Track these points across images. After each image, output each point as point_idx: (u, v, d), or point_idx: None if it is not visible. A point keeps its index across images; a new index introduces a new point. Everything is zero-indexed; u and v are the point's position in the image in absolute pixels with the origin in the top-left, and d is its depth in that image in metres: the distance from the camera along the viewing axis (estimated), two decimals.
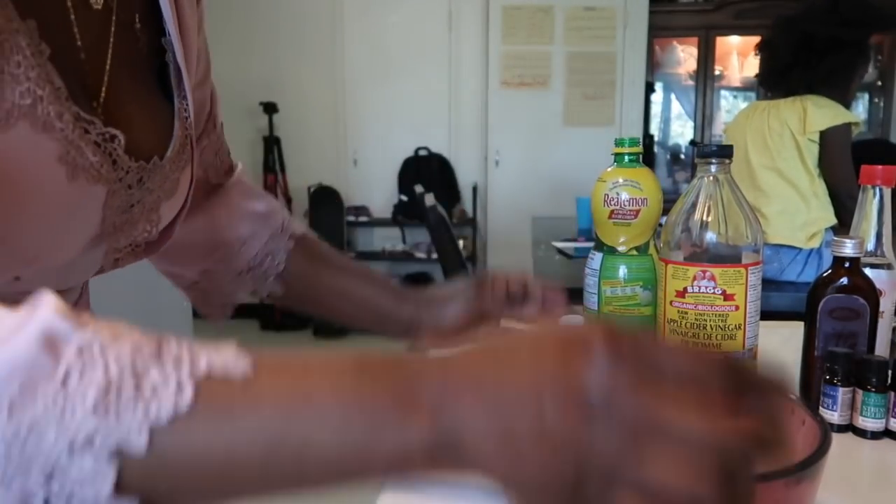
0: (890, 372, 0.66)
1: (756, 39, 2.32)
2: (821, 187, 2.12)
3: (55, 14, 0.44)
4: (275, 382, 0.30)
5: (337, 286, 0.74)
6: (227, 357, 0.29)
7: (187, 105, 0.56)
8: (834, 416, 0.67)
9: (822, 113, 2.05)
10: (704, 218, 0.70)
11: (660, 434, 0.27)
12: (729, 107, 4.55)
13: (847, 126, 2.06)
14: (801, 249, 2.12)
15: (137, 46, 0.52)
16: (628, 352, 0.28)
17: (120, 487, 0.27)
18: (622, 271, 0.78)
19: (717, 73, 4.31)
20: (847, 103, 2.18)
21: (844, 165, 2.05)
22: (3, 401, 0.26)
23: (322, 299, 0.74)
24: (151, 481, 0.28)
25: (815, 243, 2.11)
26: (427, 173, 4.18)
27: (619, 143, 0.79)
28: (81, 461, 0.27)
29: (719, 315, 0.69)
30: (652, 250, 0.79)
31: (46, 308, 0.28)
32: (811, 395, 0.71)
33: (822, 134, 2.06)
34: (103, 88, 0.48)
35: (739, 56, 4.33)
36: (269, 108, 4.06)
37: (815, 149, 2.08)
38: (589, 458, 0.27)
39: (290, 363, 0.31)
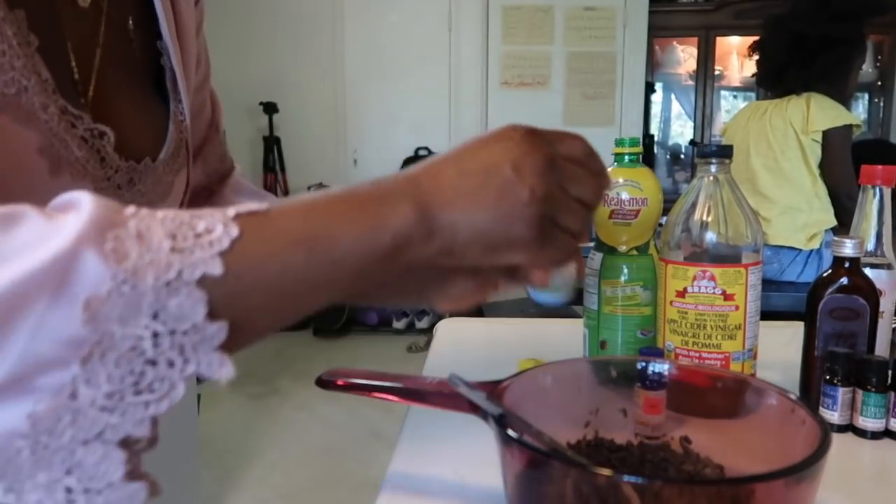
0: (890, 372, 0.66)
1: (756, 39, 2.32)
2: (822, 188, 2.12)
3: (43, 8, 0.45)
4: (290, 206, 0.36)
5: None
6: (245, 204, 0.35)
7: (183, 108, 0.56)
8: (834, 416, 0.67)
9: (824, 113, 2.05)
10: (704, 218, 0.70)
11: (567, 167, 0.43)
12: (729, 107, 4.55)
13: (848, 128, 2.06)
14: (801, 250, 2.12)
15: (131, 48, 0.52)
16: (538, 138, 0.43)
17: (211, 313, 0.31)
18: (622, 271, 0.78)
19: (717, 73, 4.31)
20: (847, 98, 2.18)
21: (844, 166, 2.05)
22: (103, 250, 0.29)
23: None
24: (233, 303, 0.32)
25: (815, 244, 2.11)
26: None
27: (619, 143, 0.79)
28: (177, 296, 0.30)
29: (719, 315, 0.69)
30: (652, 250, 0.79)
31: (87, 194, 0.32)
32: (811, 395, 0.71)
33: (824, 134, 2.06)
34: (91, 86, 0.48)
35: (739, 56, 4.33)
36: (269, 108, 4.06)
37: (818, 149, 2.08)
38: (538, 190, 0.40)
39: (289, 199, 0.37)
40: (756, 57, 2.27)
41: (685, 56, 4.43)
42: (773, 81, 2.19)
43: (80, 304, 0.28)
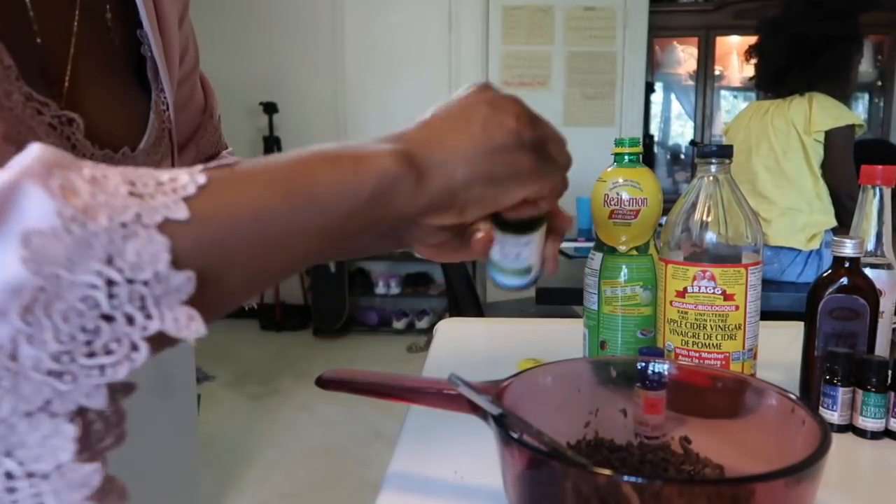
0: (890, 372, 0.66)
1: (752, 44, 2.32)
2: (824, 189, 2.12)
3: None
4: (261, 160, 0.35)
5: None
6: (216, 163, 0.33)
7: (165, 98, 0.55)
8: (834, 416, 0.67)
9: (826, 113, 2.05)
10: (704, 218, 0.70)
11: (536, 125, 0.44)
12: (729, 107, 4.55)
13: (851, 127, 2.06)
14: (800, 251, 2.12)
15: (109, 37, 0.52)
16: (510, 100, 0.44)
17: (176, 262, 0.28)
18: (622, 271, 0.78)
19: (717, 73, 4.31)
20: (849, 94, 2.17)
21: (846, 167, 2.05)
22: (50, 185, 0.26)
23: None
24: (202, 251, 0.30)
25: (814, 245, 2.11)
26: None
27: (619, 143, 0.79)
28: (135, 239, 0.27)
29: (719, 315, 0.69)
30: (652, 250, 0.79)
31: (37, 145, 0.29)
32: (811, 395, 0.71)
33: (826, 134, 2.06)
34: (67, 75, 0.47)
35: (739, 56, 4.33)
36: (269, 108, 4.06)
37: (820, 149, 2.08)
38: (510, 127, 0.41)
39: (263, 157, 0.35)
40: (754, 61, 2.27)
41: (685, 56, 4.43)
42: (774, 84, 2.19)
43: (18, 240, 0.25)
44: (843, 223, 2.10)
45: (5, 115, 0.42)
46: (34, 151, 0.27)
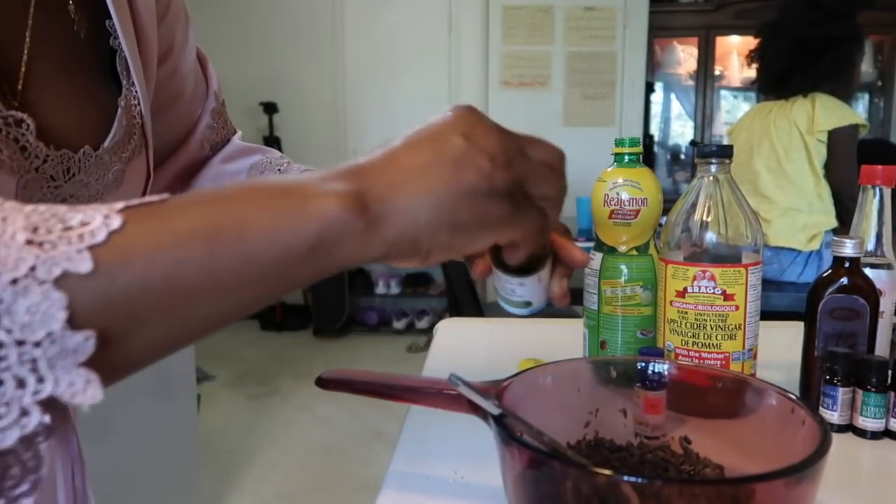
0: (890, 372, 0.66)
1: (757, 40, 2.31)
2: (826, 190, 2.11)
3: None
4: (193, 195, 0.31)
5: None
6: (146, 197, 0.30)
7: (137, 92, 0.52)
8: (834, 416, 0.67)
9: (829, 113, 2.04)
10: (704, 218, 0.70)
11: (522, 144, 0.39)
12: (729, 107, 4.55)
13: (854, 127, 2.05)
14: (800, 251, 2.11)
15: (73, 29, 0.49)
16: (481, 114, 0.40)
17: (74, 320, 0.26)
18: (622, 271, 0.78)
19: (717, 73, 4.31)
20: (852, 94, 2.17)
21: (849, 167, 2.04)
22: None
23: None
24: (107, 308, 0.27)
25: (815, 245, 2.11)
26: None
27: (619, 143, 0.79)
28: (28, 296, 0.25)
29: (719, 315, 0.69)
30: (652, 250, 0.79)
31: None
32: (811, 395, 0.71)
33: (830, 134, 2.05)
34: (21, 71, 0.44)
35: (739, 56, 4.33)
36: (269, 108, 4.06)
37: (823, 149, 2.08)
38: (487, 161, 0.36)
39: (199, 190, 0.32)
40: (756, 66, 2.27)
41: (685, 56, 4.43)
42: (777, 87, 2.18)
43: None
44: (845, 223, 2.10)
45: None
46: None
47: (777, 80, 2.17)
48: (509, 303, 0.49)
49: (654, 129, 4.53)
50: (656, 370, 0.55)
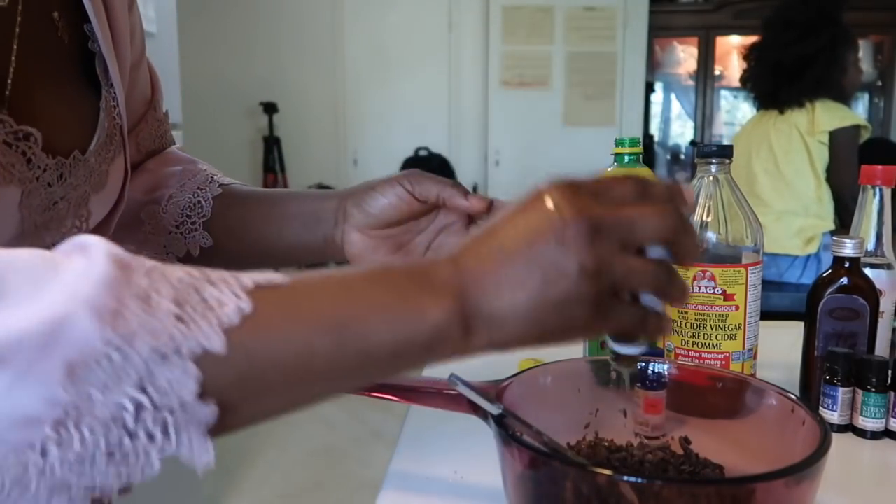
0: (890, 372, 0.66)
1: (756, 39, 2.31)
2: (826, 193, 2.11)
3: None
4: (318, 282, 0.34)
5: (260, 211, 0.67)
6: (266, 273, 0.33)
7: (115, 93, 0.53)
8: (834, 416, 0.67)
9: (831, 114, 2.04)
10: (704, 218, 0.70)
11: (626, 223, 0.37)
12: (729, 107, 4.55)
13: (856, 128, 2.04)
14: (797, 257, 2.11)
15: (57, 36, 0.49)
16: (580, 200, 0.37)
17: (204, 392, 0.29)
18: None
19: (717, 73, 4.32)
20: (849, 95, 2.17)
21: (850, 168, 2.03)
22: (100, 311, 0.27)
23: (247, 231, 0.67)
24: (236, 382, 0.30)
25: (812, 248, 2.10)
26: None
27: (619, 143, 0.79)
28: (169, 368, 0.28)
29: (719, 315, 0.69)
30: None
31: (101, 240, 0.30)
32: (811, 395, 0.71)
33: (831, 135, 2.04)
34: (8, 84, 0.44)
35: (739, 56, 4.33)
36: (269, 108, 4.06)
37: (825, 151, 2.07)
38: (590, 268, 0.35)
39: (316, 272, 0.34)
40: (748, 86, 2.29)
41: (685, 56, 4.43)
42: (770, 103, 2.19)
43: (62, 365, 0.27)
44: (846, 225, 2.10)
45: None
46: (95, 262, 0.28)
47: (768, 97, 2.18)
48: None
49: (654, 129, 4.53)
50: (656, 370, 0.55)
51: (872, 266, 0.73)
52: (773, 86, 2.12)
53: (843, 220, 2.10)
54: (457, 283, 0.35)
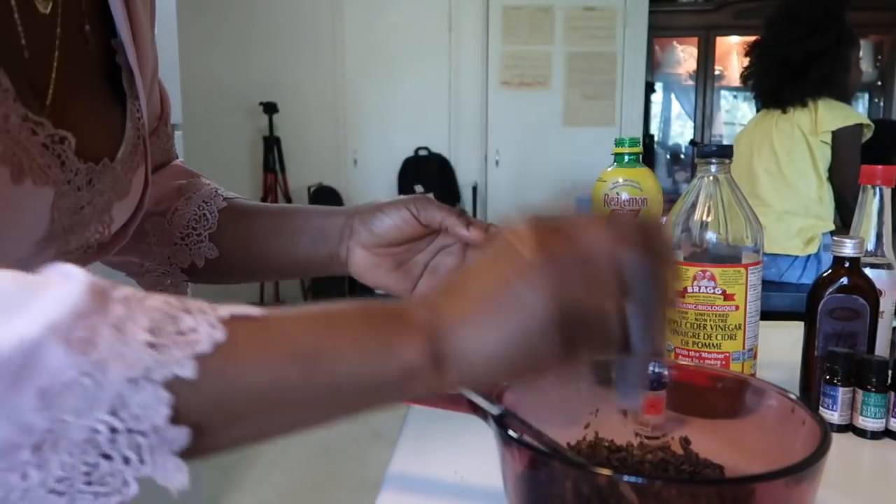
0: (890, 372, 0.66)
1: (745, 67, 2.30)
2: (828, 193, 2.10)
3: (1, 17, 0.44)
4: (292, 315, 0.35)
5: (266, 226, 0.69)
6: (244, 306, 0.34)
7: (139, 106, 0.55)
8: (834, 416, 0.67)
9: (834, 113, 2.03)
10: (704, 218, 0.70)
11: (599, 261, 0.37)
12: (729, 107, 4.55)
13: (859, 127, 2.04)
14: (797, 257, 2.11)
15: (87, 49, 0.52)
16: (549, 241, 0.37)
17: (176, 416, 0.30)
18: None
19: (717, 73, 4.32)
20: (851, 94, 2.16)
21: (853, 167, 2.02)
22: (71, 339, 0.28)
23: (254, 244, 0.70)
24: (207, 409, 0.31)
25: (812, 249, 2.09)
26: (427, 173, 4.18)
27: (619, 143, 0.79)
28: (141, 393, 0.29)
29: (719, 315, 0.69)
30: None
31: (79, 271, 0.31)
32: (811, 395, 0.71)
33: (834, 135, 2.04)
34: (50, 91, 0.47)
35: (739, 56, 4.33)
36: (269, 108, 4.06)
37: (828, 151, 2.06)
38: (570, 302, 0.36)
39: (294, 307, 0.35)
40: (750, 83, 2.27)
41: (685, 56, 4.43)
42: (773, 102, 2.18)
43: (34, 393, 0.28)
44: (848, 225, 2.09)
45: (3, 138, 0.42)
46: (71, 292, 0.29)
47: (771, 95, 2.17)
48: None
49: (654, 129, 4.53)
50: (656, 370, 0.55)
51: (872, 266, 0.73)
52: (778, 82, 2.11)
53: (845, 220, 2.09)
54: (429, 324, 0.36)
